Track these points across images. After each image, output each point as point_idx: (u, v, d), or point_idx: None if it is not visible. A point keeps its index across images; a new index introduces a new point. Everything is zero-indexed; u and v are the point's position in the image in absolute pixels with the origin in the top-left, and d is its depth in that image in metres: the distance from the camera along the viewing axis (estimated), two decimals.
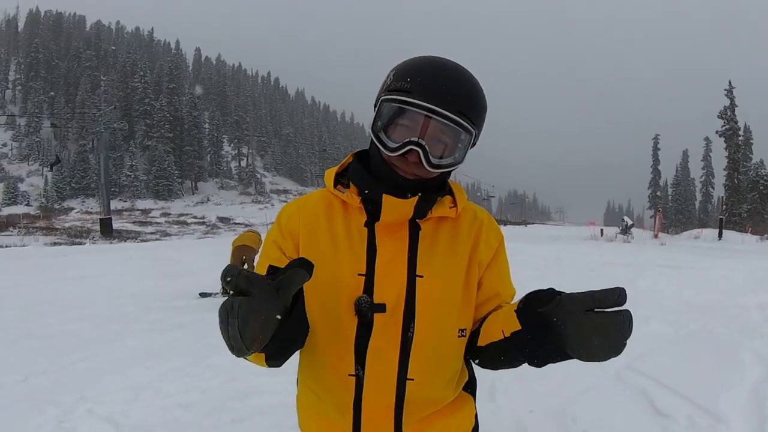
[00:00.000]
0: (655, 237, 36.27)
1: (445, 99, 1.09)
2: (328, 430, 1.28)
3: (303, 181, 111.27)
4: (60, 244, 29.85)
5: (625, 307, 0.95)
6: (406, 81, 1.12)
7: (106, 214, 36.95)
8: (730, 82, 50.32)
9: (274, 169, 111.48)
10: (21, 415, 3.83)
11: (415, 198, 1.18)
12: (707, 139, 68.59)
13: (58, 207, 68.05)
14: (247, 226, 47.50)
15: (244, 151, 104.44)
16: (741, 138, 51.89)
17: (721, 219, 39.55)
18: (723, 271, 11.81)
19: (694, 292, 8.97)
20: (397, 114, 1.13)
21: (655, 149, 71.28)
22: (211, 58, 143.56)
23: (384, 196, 1.17)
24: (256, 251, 9.53)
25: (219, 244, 22.05)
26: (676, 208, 76.69)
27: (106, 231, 35.59)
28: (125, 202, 73.03)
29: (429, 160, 1.12)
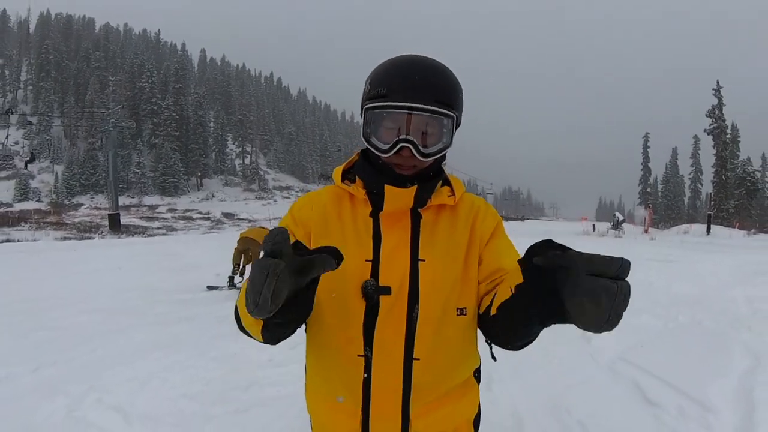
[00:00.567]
0: (646, 232, 36.22)
1: (420, 94, 1.15)
2: (338, 412, 1.30)
3: (305, 178, 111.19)
4: (70, 238, 29.81)
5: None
6: (382, 87, 1.17)
7: (114, 209, 36.90)
8: (718, 82, 50.25)
9: (276, 166, 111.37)
10: (32, 404, 3.83)
11: (414, 187, 1.23)
12: (696, 137, 68.55)
13: (68, 203, 67.90)
14: (250, 221, 47.62)
15: (248, 149, 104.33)
16: (728, 136, 51.86)
17: (709, 214, 39.47)
18: (711, 265, 11.81)
19: (684, 286, 8.96)
20: (380, 118, 1.19)
21: (645, 147, 71.26)
22: (216, 59, 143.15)
23: (386, 186, 1.22)
24: (260, 244, 9.52)
25: (224, 238, 22.04)
26: (665, 204, 76.59)
27: (115, 226, 35.55)
28: (133, 198, 72.97)
29: (420, 152, 1.18)
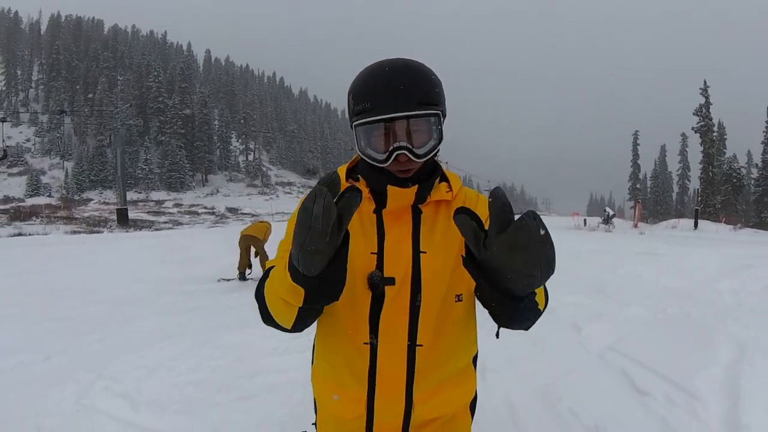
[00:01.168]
0: (635, 227, 36.23)
1: (403, 100, 1.15)
2: (345, 397, 1.33)
3: (306, 174, 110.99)
4: (79, 232, 29.85)
5: (608, 293, 0.92)
6: (366, 101, 1.18)
7: (122, 204, 36.93)
8: (705, 82, 50.06)
9: (279, 162, 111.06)
10: (42, 391, 3.84)
11: (415, 187, 1.26)
12: (683, 135, 68.41)
13: (77, 198, 67.74)
14: (254, 216, 47.62)
15: (251, 146, 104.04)
16: (715, 134, 51.73)
17: (696, 210, 39.49)
18: (698, 258, 11.83)
19: (672, 278, 8.98)
20: (371, 131, 1.20)
21: (635, 144, 71.25)
22: (220, 59, 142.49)
23: (389, 186, 1.25)
24: (261, 240, 9.64)
25: (228, 232, 22.07)
26: (654, 200, 76.59)
27: (123, 220, 35.58)
28: (140, 193, 72.80)
29: (416, 154, 1.19)
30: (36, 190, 68.33)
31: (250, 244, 9.66)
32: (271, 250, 9.63)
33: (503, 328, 1.21)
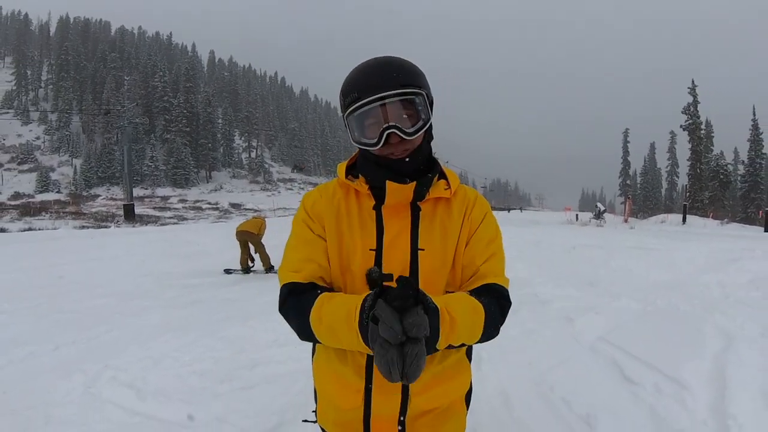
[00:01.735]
0: (625, 222, 36.25)
1: (386, 84, 1.18)
2: (344, 388, 1.34)
3: (307, 171, 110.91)
4: (87, 227, 29.78)
5: (599, 286, 0.94)
6: (353, 92, 1.20)
7: (129, 200, 36.90)
8: (693, 81, 50.10)
9: (280, 159, 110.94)
10: (52, 381, 3.84)
11: (414, 183, 1.26)
12: (672, 132, 68.42)
13: (85, 194, 67.60)
14: (256, 211, 47.54)
15: (254, 143, 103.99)
16: (703, 132, 51.69)
17: (685, 205, 39.55)
18: (687, 252, 11.82)
19: (661, 272, 8.97)
20: (362, 119, 1.22)
21: (625, 142, 71.29)
22: (224, 59, 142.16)
23: (387, 182, 1.25)
24: (257, 235, 9.67)
25: (231, 227, 21.96)
26: (644, 195, 76.59)
27: (129, 216, 35.53)
28: (146, 189, 72.67)
29: (405, 132, 1.20)
30: (45, 187, 68.22)
31: (246, 239, 9.70)
32: (270, 245, 9.66)
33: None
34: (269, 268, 9.72)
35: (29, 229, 25.90)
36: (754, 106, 53.10)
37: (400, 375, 0.97)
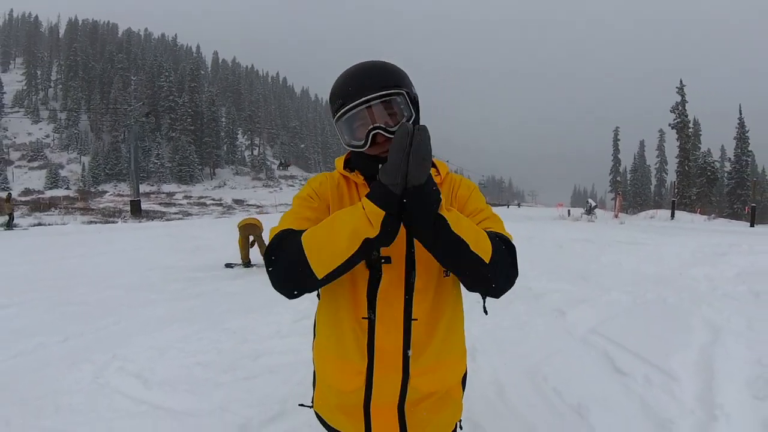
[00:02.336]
0: (616, 217, 36.28)
1: (368, 87, 1.21)
2: (345, 371, 1.34)
3: (308, 168, 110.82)
4: (95, 222, 29.78)
5: (591, 280, 0.93)
6: (338, 99, 1.25)
7: (135, 196, 36.82)
8: (681, 81, 49.96)
9: (282, 157, 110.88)
10: (61, 371, 3.84)
11: None
12: (661, 130, 68.39)
13: (93, 190, 67.45)
14: (258, 207, 47.52)
15: (256, 141, 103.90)
16: (691, 130, 51.62)
17: (673, 201, 39.60)
18: (675, 247, 11.83)
19: (650, 266, 8.97)
20: (350, 122, 1.26)
21: (616, 140, 71.07)
22: (227, 60, 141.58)
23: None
24: (261, 229, 9.67)
25: (234, 222, 21.96)
26: (633, 192, 76.57)
27: (136, 211, 35.48)
28: (152, 186, 72.46)
29: (389, 130, 1.22)
30: (55, 183, 68.17)
31: (249, 233, 9.68)
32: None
33: (491, 317, 1.21)
34: None
35: (39, 224, 25.79)
36: (740, 105, 53.14)
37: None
